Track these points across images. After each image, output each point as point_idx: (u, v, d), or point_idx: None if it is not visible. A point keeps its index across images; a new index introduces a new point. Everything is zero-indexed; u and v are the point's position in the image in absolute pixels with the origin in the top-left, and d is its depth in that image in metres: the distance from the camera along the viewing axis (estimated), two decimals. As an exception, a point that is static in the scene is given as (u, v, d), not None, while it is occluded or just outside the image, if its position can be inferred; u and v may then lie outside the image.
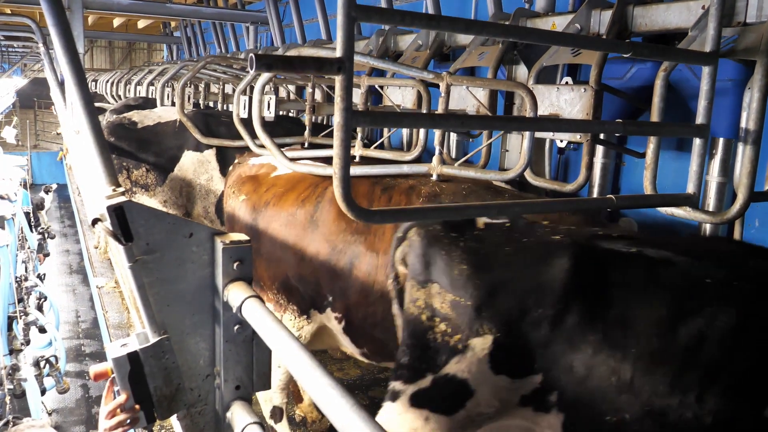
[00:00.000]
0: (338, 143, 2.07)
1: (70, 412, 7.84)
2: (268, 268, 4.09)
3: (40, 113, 30.23)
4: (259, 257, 4.07)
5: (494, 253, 2.71)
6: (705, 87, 3.38)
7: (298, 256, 3.92)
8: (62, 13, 2.03)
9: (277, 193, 4.14)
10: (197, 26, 14.48)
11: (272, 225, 4.05)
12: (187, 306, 2.07)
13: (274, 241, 4.03)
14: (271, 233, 4.05)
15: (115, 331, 6.84)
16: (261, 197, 4.19)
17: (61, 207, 19.53)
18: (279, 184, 4.21)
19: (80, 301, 11.56)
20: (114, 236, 1.89)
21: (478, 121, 3.59)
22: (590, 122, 3.63)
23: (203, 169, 6.24)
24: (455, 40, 5.51)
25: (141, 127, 6.36)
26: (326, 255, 3.82)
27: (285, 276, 4.02)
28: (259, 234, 4.09)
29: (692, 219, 3.71)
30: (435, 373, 2.56)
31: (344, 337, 3.99)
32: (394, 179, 3.99)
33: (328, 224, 3.85)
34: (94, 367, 2.08)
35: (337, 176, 2.12)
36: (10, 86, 21.58)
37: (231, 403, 2.09)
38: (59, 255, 14.62)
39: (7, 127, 21.42)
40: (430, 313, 2.63)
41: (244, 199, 4.27)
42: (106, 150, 2.06)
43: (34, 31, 8.97)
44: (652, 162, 3.56)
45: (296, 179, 4.18)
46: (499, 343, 2.47)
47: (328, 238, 3.83)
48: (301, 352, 1.60)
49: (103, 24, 18.46)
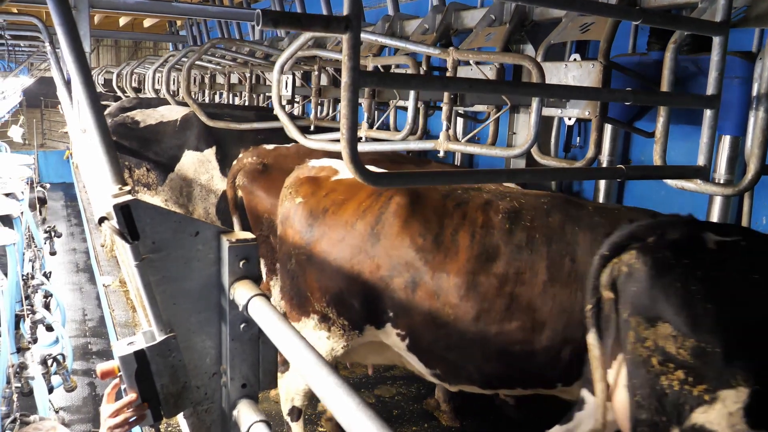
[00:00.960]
0: (345, 103, 2.07)
1: (78, 410, 7.87)
2: (320, 279, 3.88)
3: (46, 112, 30.32)
4: (311, 266, 3.90)
5: (740, 282, 2.33)
6: (716, 58, 3.35)
7: (356, 269, 3.73)
8: (69, 12, 2.03)
9: (337, 200, 3.92)
10: (203, 25, 14.49)
11: (329, 234, 3.84)
12: (194, 304, 2.08)
13: (330, 252, 3.83)
14: (328, 242, 3.84)
15: (122, 330, 6.85)
16: (319, 202, 3.96)
17: (68, 206, 19.59)
18: (339, 190, 3.99)
19: (87, 300, 11.60)
20: (120, 235, 1.89)
21: (487, 85, 3.48)
22: (600, 90, 3.56)
23: (203, 169, 6.22)
24: (462, 23, 5.48)
25: (143, 126, 6.36)
26: (388, 270, 3.64)
27: (339, 289, 3.82)
28: (314, 241, 3.89)
29: (703, 192, 3.67)
30: (680, 426, 2.30)
31: (410, 355, 3.83)
32: (467, 193, 3.78)
33: (391, 238, 3.65)
34: (101, 365, 2.09)
35: (344, 137, 2.12)
36: (17, 85, 21.64)
37: (237, 402, 2.10)
38: (66, 253, 14.67)
39: (14, 126, 21.49)
40: (663, 358, 2.33)
41: (301, 202, 4.02)
42: (112, 149, 2.06)
43: (40, 30, 8.99)
44: (662, 136, 3.53)
45: (357, 186, 3.95)
46: (757, 395, 2.16)
47: (390, 253, 3.64)
48: (307, 350, 1.60)
49: (110, 23, 18.50)
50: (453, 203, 3.67)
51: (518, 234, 3.49)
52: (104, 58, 36.51)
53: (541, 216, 3.54)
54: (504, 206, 3.59)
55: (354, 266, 3.72)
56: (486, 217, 3.57)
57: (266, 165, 5.13)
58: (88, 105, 2.03)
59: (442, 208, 3.66)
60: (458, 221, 3.59)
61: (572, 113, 3.92)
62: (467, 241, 3.53)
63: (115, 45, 36.82)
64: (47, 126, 30.10)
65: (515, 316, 3.42)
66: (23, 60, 17.92)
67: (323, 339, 3.95)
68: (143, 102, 7.75)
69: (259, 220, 5.08)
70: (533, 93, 3.45)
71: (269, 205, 4.98)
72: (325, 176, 4.17)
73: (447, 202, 3.68)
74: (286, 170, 5.04)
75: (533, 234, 3.48)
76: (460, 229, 3.57)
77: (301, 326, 3.98)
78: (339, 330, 3.90)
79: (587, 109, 3.75)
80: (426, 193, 3.75)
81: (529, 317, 3.41)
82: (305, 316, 3.99)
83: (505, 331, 3.44)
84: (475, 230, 3.54)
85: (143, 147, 6.22)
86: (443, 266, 3.52)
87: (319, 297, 3.88)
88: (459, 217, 3.60)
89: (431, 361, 3.75)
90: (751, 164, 3.50)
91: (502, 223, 3.53)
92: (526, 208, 3.59)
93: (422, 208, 3.68)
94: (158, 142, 6.27)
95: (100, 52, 36.16)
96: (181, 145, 6.27)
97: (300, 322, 4.01)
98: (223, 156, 6.26)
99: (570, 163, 4.06)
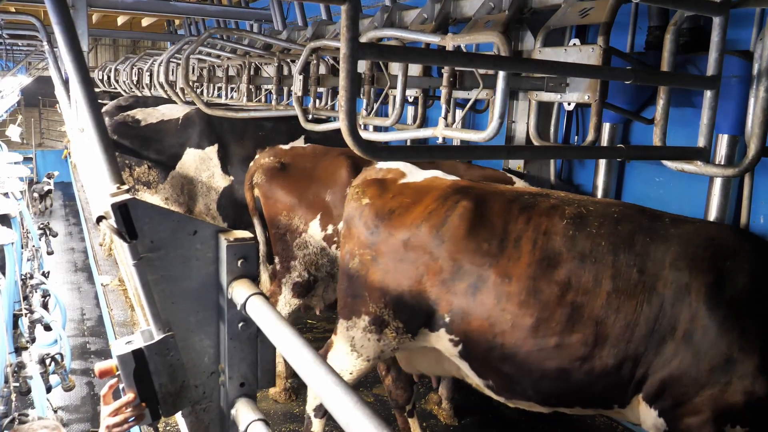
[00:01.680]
0: (344, 75, 2.07)
1: (76, 409, 7.87)
2: (383, 280, 3.84)
3: (44, 111, 30.28)
4: (374, 266, 3.88)
5: None
6: (716, 38, 3.36)
7: (419, 271, 3.70)
8: (66, 12, 2.02)
9: (404, 203, 3.89)
10: (201, 24, 14.48)
11: (394, 235, 3.82)
12: (192, 303, 2.08)
13: (394, 253, 3.80)
14: (392, 244, 3.82)
15: (120, 329, 6.85)
16: (386, 203, 3.94)
17: (66, 205, 19.58)
18: (406, 193, 3.97)
19: (85, 299, 11.60)
20: (118, 234, 1.89)
21: (487, 59, 3.42)
22: (601, 68, 3.53)
23: (205, 166, 6.25)
24: (461, 12, 5.47)
25: (144, 124, 6.38)
26: (449, 273, 3.60)
27: (400, 290, 3.78)
28: (378, 242, 3.88)
29: (703, 173, 3.65)
30: None
31: (462, 363, 3.75)
32: (534, 197, 3.69)
33: (455, 241, 3.60)
34: (99, 364, 2.09)
35: (343, 109, 2.12)
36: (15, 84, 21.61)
37: (235, 400, 2.10)
38: (64, 253, 14.65)
39: (12, 126, 21.48)
40: None
41: (368, 203, 3.99)
42: (110, 148, 2.06)
43: (38, 30, 8.98)
44: (662, 119, 3.52)
45: (425, 190, 3.94)
46: None
47: (453, 256, 3.59)
48: (304, 349, 1.60)
49: (108, 22, 18.46)
50: (518, 207, 3.61)
51: (583, 241, 3.38)
52: (102, 57, 36.46)
53: (609, 224, 3.41)
54: (570, 212, 3.49)
55: (417, 268, 3.71)
56: (550, 222, 3.48)
57: (284, 164, 5.16)
58: (86, 104, 2.03)
59: (508, 213, 3.60)
60: (522, 226, 3.53)
61: (572, 98, 3.88)
62: (529, 246, 3.46)
63: (114, 44, 36.79)
64: (45, 125, 30.07)
65: (576, 328, 3.31)
66: (21, 59, 17.90)
67: (373, 340, 3.94)
68: (140, 100, 7.76)
69: (276, 218, 5.11)
70: (533, 69, 3.41)
71: (287, 203, 5.02)
72: (392, 179, 4.16)
73: (512, 207, 3.62)
74: (303, 169, 5.08)
75: (599, 242, 3.36)
76: (524, 234, 3.50)
77: (349, 325, 4.00)
78: (392, 332, 3.86)
79: (587, 93, 3.72)
80: (492, 197, 3.72)
81: (591, 330, 3.28)
82: (356, 316, 3.97)
83: (565, 344, 3.32)
84: (538, 236, 3.47)
85: (144, 145, 6.25)
86: (505, 271, 3.45)
87: (377, 297, 3.86)
88: (523, 222, 3.54)
89: (485, 371, 3.66)
90: (752, 144, 3.48)
91: (567, 229, 3.43)
92: (594, 215, 3.48)
93: (488, 211, 3.64)
94: (160, 141, 6.30)
95: (98, 51, 36.13)
96: (183, 143, 6.31)
97: (350, 320, 4.01)
98: (225, 153, 6.30)
99: None
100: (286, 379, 5.51)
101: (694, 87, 3.75)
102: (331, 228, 4.87)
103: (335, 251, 4.87)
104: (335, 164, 4.96)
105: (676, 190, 4.93)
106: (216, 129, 6.34)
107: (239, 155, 6.32)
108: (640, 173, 5.20)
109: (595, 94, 3.67)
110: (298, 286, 5.09)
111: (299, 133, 6.53)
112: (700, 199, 4.45)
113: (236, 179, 6.27)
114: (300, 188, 5.01)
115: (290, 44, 6.09)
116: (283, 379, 5.49)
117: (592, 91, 3.68)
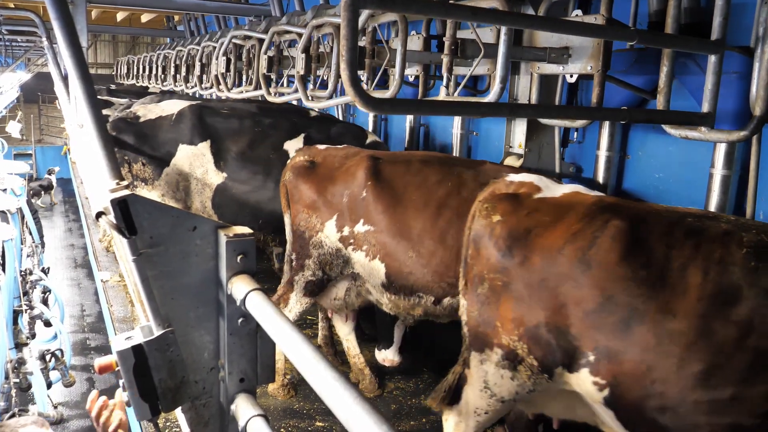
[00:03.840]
0: (345, 24, 2.05)
1: (76, 405, 7.89)
2: (516, 309, 3.42)
3: (44, 107, 30.27)
4: (507, 293, 3.47)
5: None
6: (719, 2, 3.35)
7: (559, 300, 3.26)
8: (65, 7, 2.02)
9: (542, 222, 3.46)
10: (201, 20, 14.45)
11: (532, 259, 3.40)
12: (191, 299, 2.08)
13: (531, 279, 3.38)
14: (529, 268, 3.40)
15: (120, 325, 6.86)
16: (520, 222, 3.53)
17: (66, 201, 19.58)
18: (543, 210, 3.54)
19: (85, 295, 11.61)
20: (118, 229, 1.89)
21: (489, 14, 3.33)
22: (603, 27, 3.44)
23: (198, 163, 6.18)
24: None
25: (143, 121, 6.36)
26: (596, 304, 3.13)
27: (536, 322, 3.34)
28: (512, 266, 3.47)
29: (707, 139, 3.60)
30: None
31: (606, 411, 3.23)
32: (701, 221, 3.19)
33: (605, 267, 3.13)
34: (99, 360, 2.09)
35: (344, 59, 2.10)
36: (14, 81, 21.60)
37: (235, 396, 2.10)
38: (64, 249, 14.67)
39: (11, 122, 21.48)
40: None
41: (500, 221, 3.57)
42: (109, 144, 2.06)
43: (37, 26, 8.98)
44: (665, 86, 3.52)
45: (566, 206, 3.50)
46: None
47: (602, 284, 3.13)
48: (304, 344, 1.60)
49: (107, 18, 18.43)
50: (682, 231, 3.14)
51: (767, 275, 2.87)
52: (101, 54, 36.43)
53: None
54: (749, 239, 2.99)
55: (558, 297, 3.26)
56: (725, 249, 3.00)
57: (314, 162, 5.13)
58: (85, 100, 2.03)
59: (670, 236, 3.14)
60: (689, 253, 3.05)
61: (574, 68, 3.84)
62: (699, 278, 2.98)
63: (113, 40, 36.72)
64: (45, 121, 30.06)
65: (760, 379, 2.80)
66: (20, 55, 17.89)
67: (507, 378, 3.52)
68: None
69: (297, 216, 5.10)
70: (536, 25, 3.34)
71: (307, 202, 5.00)
72: (525, 193, 3.72)
73: (675, 230, 3.16)
74: (329, 169, 5.03)
75: None
76: (692, 262, 3.03)
77: (483, 358, 3.60)
78: (526, 371, 3.43)
79: (589, 62, 3.68)
80: (648, 216, 3.29)
81: None
82: (488, 348, 3.57)
83: (745, 398, 2.81)
84: (710, 265, 2.99)
85: (141, 142, 6.21)
86: (668, 306, 2.97)
87: (510, 329, 3.43)
88: (690, 248, 3.06)
89: (636, 422, 3.14)
90: (757, 107, 3.44)
91: (746, 260, 2.93)
92: None
93: (645, 233, 3.21)
94: (155, 137, 6.26)
95: (98, 48, 36.08)
96: (176, 139, 6.25)
97: (482, 353, 3.60)
98: (218, 149, 6.20)
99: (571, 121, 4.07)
100: (284, 375, 5.52)
101: (698, 51, 3.68)
102: (347, 230, 4.81)
103: (351, 252, 4.82)
104: (355, 165, 4.87)
105: (674, 186, 4.94)
106: (208, 125, 6.27)
107: (233, 151, 6.22)
108: (640, 170, 5.21)
109: (598, 63, 3.65)
110: (311, 284, 5.06)
111: (299, 131, 6.46)
112: (699, 195, 4.46)
113: (230, 176, 6.19)
114: (320, 187, 4.97)
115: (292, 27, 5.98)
116: (281, 375, 5.50)
117: (595, 61, 3.64)
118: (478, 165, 4.75)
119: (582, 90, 5.56)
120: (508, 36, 3.07)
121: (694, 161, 4.71)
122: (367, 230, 4.68)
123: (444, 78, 3.72)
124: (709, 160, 4.28)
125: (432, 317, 4.74)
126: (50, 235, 16.05)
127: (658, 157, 5.04)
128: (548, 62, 3.98)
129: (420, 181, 4.63)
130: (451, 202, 4.48)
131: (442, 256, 4.42)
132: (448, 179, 4.59)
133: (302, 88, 4.83)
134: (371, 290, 4.90)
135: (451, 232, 4.40)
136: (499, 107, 3.38)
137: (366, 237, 4.69)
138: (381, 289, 4.75)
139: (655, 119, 3.78)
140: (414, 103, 2.76)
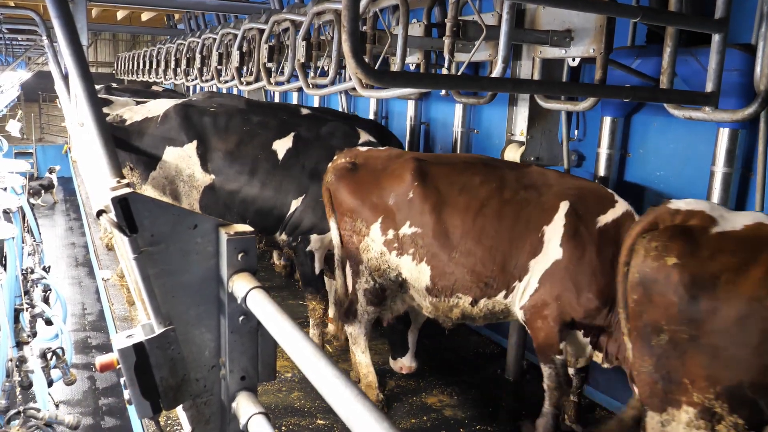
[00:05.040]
0: None
1: (77, 403, 7.90)
2: (710, 366, 3.14)
3: (44, 106, 30.28)
4: (696, 348, 3.18)
5: None
6: None
7: (765, 358, 2.99)
8: (66, 6, 2.02)
9: (730, 264, 3.12)
10: (201, 18, 14.44)
11: (725, 310, 3.08)
12: (192, 297, 2.08)
13: (727, 333, 3.09)
14: (723, 321, 3.08)
15: (121, 323, 6.87)
16: (704, 266, 3.16)
17: (67, 200, 19.59)
18: (728, 249, 3.18)
19: (86, 294, 11.63)
20: (119, 228, 1.89)
21: None
22: (606, 3, 3.40)
23: (185, 165, 5.92)
24: None
25: (129, 123, 6.13)
26: None
27: (738, 381, 3.07)
28: (701, 319, 3.15)
29: (711, 119, 3.55)
30: None
31: None
32: None
33: None
34: (100, 358, 2.09)
35: (345, 30, 2.08)
36: (15, 79, 21.59)
37: (236, 394, 2.10)
38: (65, 248, 14.68)
39: (12, 121, 21.48)
40: None
41: (677, 265, 3.20)
42: (110, 142, 2.06)
43: (37, 24, 8.98)
44: (668, 66, 3.49)
45: (754, 244, 3.16)
46: None
47: None
48: (305, 342, 1.60)
49: (107, 16, 18.41)
50: None
51: None
52: (102, 52, 36.42)
53: None
54: None
55: (764, 354, 3.01)
56: None
57: (356, 164, 5.03)
58: (85, 98, 2.03)
59: None
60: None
61: (576, 52, 3.81)
62: None
63: (113, 39, 36.71)
64: (45, 120, 30.07)
65: None
66: (20, 54, 17.89)
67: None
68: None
69: (342, 220, 5.01)
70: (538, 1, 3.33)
71: (352, 204, 4.90)
72: (699, 227, 3.32)
73: None
74: (373, 171, 4.94)
75: None
76: None
77: (665, 419, 3.31)
78: (726, 430, 3.19)
79: (592, 45, 3.65)
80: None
81: None
82: (674, 407, 3.27)
83: None
84: None
85: (126, 145, 5.93)
86: None
87: (704, 387, 3.16)
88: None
89: None
90: (761, 85, 3.41)
91: None
92: None
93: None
94: (140, 140, 6.01)
95: (98, 46, 36.07)
96: (162, 140, 6.00)
97: (664, 413, 3.31)
98: (204, 150, 5.94)
99: (574, 105, 4.04)
100: None
101: (701, 29, 3.66)
102: (391, 233, 4.73)
103: (394, 258, 4.75)
104: (401, 167, 4.79)
105: (675, 184, 4.94)
106: (195, 124, 6.00)
107: (221, 151, 5.95)
108: (641, 167, 5.21)
109: (601, 46, 3.62)
110: (368, 293, 4.95)
111: (288, 130, 6.14)
112: (700, 194, 4.45)
113: (218, 177, 5.93)
114: (364, 190, 4.87)
115: (292, 15, 5.87)
116: None
117: (597, 43, 3.62)
118: (523, 167, 4.75)
119: (584, 77, 5.54)
120: (510, 15, 3.05)
121: (695, 159, 4.71)
122: (414, 232, 4.62)
123: (446, 60, 3.69)
124: (710, 158, 4.27)
125: (468, 320, 4.71)
126: (51, 234, 16.07)
127: (659, 155, 5.04)
128: (550, 45, 3.96)
129: (464, 182, 4.58)
130: (492, 203, 4.46)
131: (481, 256, 4.41)
132: (492, 180, 4.55)
133: (303, 76, 4.78)
134: (414, 295, 4.86)
135: (490, 231, 4.40)
136: (501, 82, 3.34)
137: (413, 239, 4.62)
138: (424, 293, 4.70)
139: (659, 98, 3.74)
140: (416, 76, 2.74)
